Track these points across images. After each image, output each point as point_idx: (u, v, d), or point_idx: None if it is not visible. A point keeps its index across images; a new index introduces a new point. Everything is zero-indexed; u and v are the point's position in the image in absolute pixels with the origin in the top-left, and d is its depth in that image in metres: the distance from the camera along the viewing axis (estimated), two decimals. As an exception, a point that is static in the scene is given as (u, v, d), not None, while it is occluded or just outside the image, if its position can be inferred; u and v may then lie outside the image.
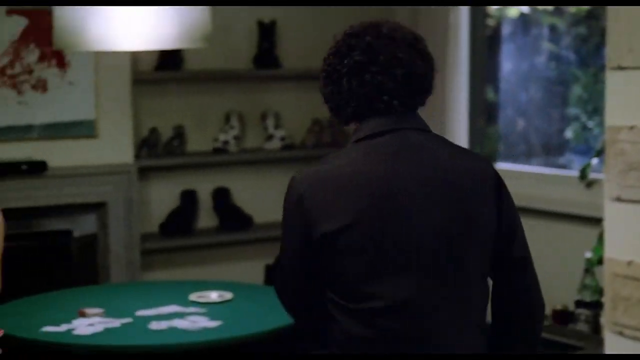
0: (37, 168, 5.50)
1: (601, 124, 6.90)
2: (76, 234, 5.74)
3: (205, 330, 3.86)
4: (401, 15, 6.19)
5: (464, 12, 6.02)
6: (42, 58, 5.51)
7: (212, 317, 3.99)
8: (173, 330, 3.86)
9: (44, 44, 5.44)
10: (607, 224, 3.71)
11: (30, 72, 5.50)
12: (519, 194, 5.87)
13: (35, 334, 3.82)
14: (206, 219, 6.27)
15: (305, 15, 6.36)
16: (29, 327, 3.89)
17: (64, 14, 3.92)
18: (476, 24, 6.22)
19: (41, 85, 5.53)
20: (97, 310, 4.06)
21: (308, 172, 2.46)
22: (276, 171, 6.34)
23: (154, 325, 3.91)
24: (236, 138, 6.22)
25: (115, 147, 5.75)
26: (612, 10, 3.69)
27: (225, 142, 6.19)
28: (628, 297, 3.64)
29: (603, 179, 4.79)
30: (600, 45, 6.95)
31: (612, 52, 3.70)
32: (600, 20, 6.92)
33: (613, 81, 3.70)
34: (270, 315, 3.98)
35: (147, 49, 4.15)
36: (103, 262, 5.79)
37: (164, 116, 6.12)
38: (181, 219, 6.14)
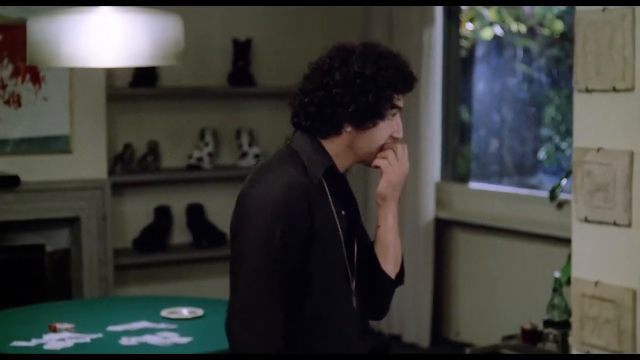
0: (10, 182, 5.50)
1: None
2: (49, 248, 5.75)
3: (176, 346, 3.86)
4: (377, 33, 6.23)
5: (438, 32, 6.07)
6: (15, 73, 5.52)
7: (183, 334, 4.00)
8: (143, 345, 3.87)
9: (18, 59, 5.45)
10: (574, 245, 3.74)
11: (4, 87, 5.51)
12: (491, 213, 5.93)
13: (5, 348, 3.81)
14: (180, 235, 6.29)
15: (280, 34, 6.39)
16: (-1, 341, 3.89)
17: (38, 29, 3.93)
18: (450, 44, 6.28)
19: (15, 100, 5.54)
20: (68, 326, 4.05)
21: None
22: (250, 188, 6.35)
23: (125, 341, 3.91)
24: (210, 155, 6.24)
25: (89, 163, 5.77)
26: (580, 33, 3.73)
27: (200, 159, 6.21)
28: (595, 317, 3.68)
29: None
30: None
31: (579, 74, 3.74)
32: (573, 42, 6.98)
33: (581, 103, 3.74)
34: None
35: (121, 66, 4.16)
36: (76, 277, 5.80)
37: (139, 132, 6.14)
38: (155, 234, 6.15)
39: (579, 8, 3.77)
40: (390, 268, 2.69)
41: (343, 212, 2.61)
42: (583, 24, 3.76)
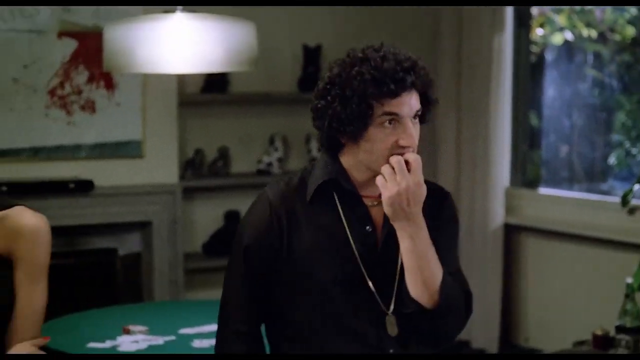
0: (84, 187, 5.59)
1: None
2: (121, 252, 5.83)
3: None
4: (446, 41, 6.24)
5: (508, 37, 6.05)
6: (90, 79, 5.62)
7: (254, 336, 4.04)
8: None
9: (93, 65, 5.54)
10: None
11: (80, 93, 5.60)
12: (561, 219, 5.90)
13: (81, 349, 3.88)
14: (249, 240, 6.32)
15: (350, 40, 6.39)
16: (74, 343, 3.96)
17: (113, 37, 4.00)
18: (520, 49, 6.26)
19: (90, 106, 5.63)
20: (141, 328, 4.11)
21: None
22: (319, 193, 6.39)
23: (197, 344, 3.96)
24: (280, 160, 6.29)
25: (161, 167, 5.84)
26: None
27: (269, 164, 6.26)
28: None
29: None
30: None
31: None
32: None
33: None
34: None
35: (195, 72, 4.23)
36: (147, 281, 5.87)
37: (209, 137, 6.20)
38: (224, 239, 6.20)
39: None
40: (417, 294, 2.41)
41: (369, 228, 2.48)
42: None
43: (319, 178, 2.50)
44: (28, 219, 2.53)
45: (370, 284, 2.46)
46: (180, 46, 3.93)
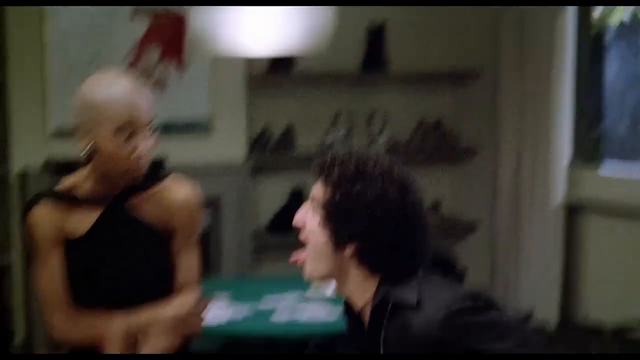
0: (156, 165, 5.68)
1: None
2: (190, 228, 5.93)
3: (327, 322, 4.02)
4: (508, 19, 6.29)
5: (570, 15, 6.09)
6: (162, 58, 5.73)
7: (331, 310, 4.15)
8: (294, 322, 4.03)
9: (164, 44, 5.65)
10: None
11: (151, 71, 5.72)
12: (623, 197, 5.94)
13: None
14: (313, 217, 6.42)
15: (414, 18, 6.48)
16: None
17: (198, 21, 4.11)
18: (582, 27, 6.28)
19: (160, 84, 5.75)
20: (222, 300, 4.24)
21: None
22: (382, 171, 6.49)
23: (277, 317, 4.09)
24: (344, 138, 6.37)
25: (229, 146, 5.95)
26: None
27: (333, 142, 6.35)
28: None
29: None
30: None
31: None
32: None
33: None
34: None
35: (271, 55, 4.32)
36: (215, 258, 5.99)
37: (275, 116, 6.30)
38: (289, 217, 6.28)
39: None
40: None
41: None
42: None
43: None
44: (182, 190, 2.65)
45: None
46: (262, 30, 4.03)
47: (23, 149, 5.53)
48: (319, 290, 4.45)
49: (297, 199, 6.34)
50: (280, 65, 6.18)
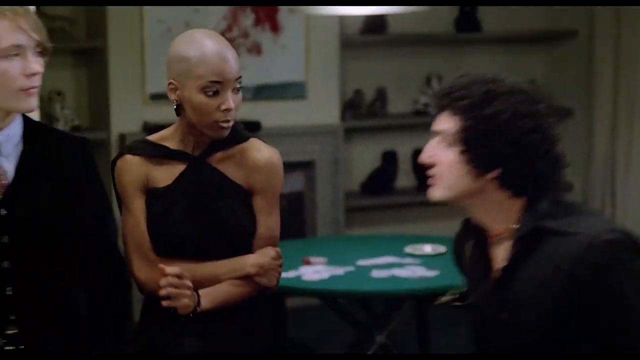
0: (251, 127, 5.77)
1: None
2: (285, 190, 6.00)
3: (424, 278, 4.06)
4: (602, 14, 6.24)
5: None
6: (257, 22, 5.79)
7: (429, 267, 4.19)
8: (394, 278, 4.08)
9: (259, 9, 5.72)
10: None
11: (246, 35, 5.79)
12: None
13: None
14: (405, 179, 6.47)
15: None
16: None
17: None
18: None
19: (256, 48, 5.81)
20: (321, 260, 4.30)
21: None
22: (473, 133, 6.50)
23: (376, 274, 4.13)
24: (436, 101, 6.38)
25: (323, 108, 6.00)
26: None
27: (426, 104, 6.35)
28: None
29: None
30: None
31: None
32: None
33: None
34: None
35: (374, 13, 4.34)
36: (309, 219, 6.06)
37: (368, 79, 6.33)
38: (382, 178, 6.35)
39: None
40: None
41: None
42: None
43: None
44: (264, 152, 2.70)
45: None
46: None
47: (122, 113, 5.65)
48: (416, 248, 4.49)
49: (390, 160, 6.38)
50: (373, 27, 6.20)
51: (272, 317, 2.81)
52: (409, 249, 4.48)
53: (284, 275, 4.06)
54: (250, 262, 2.67)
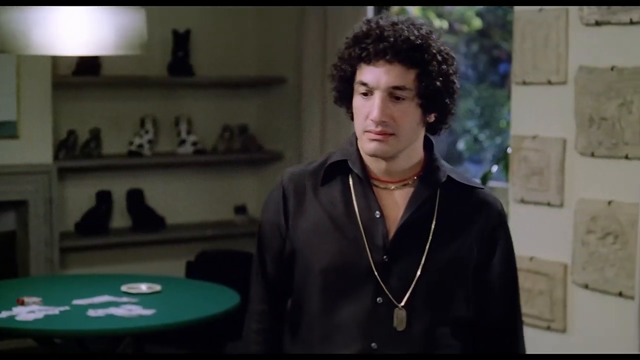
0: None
1: (492, 136, 7.32)
2: (-4, 230, 5.92)
3: (141, 317, 4.11)
4: (312, 27, 6.50)
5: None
6: (-34, 60, 5.70)
7: (145, 306, 4.25)
8: (110, 317, 4.11)
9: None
10: (511, 224, 4.10)
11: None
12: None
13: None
14: (120, 219, 6.51)
15: (219, 25, 6.66)
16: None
17: (6, 19, 4.13)
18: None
19: (-34, 86, 5.71)
20: (36, 299, 4.27)
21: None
22: (188, 174, 6.65)
23: (92, 313, 4.14)
24: (150, 142, 6.47)
25: (35, 148, 5.96)
26: (518, 31, 4.10)
27: (140, 146, 6.43)
28: (530, 288, 4.06)
29: (501, 186, 5.23)
30: (492, 62, 7.41)
31: (517, 68, 4.11)
32: (490, 38, 7.37)
33: (518, 95, 4.11)
34: (201, 304, 4.29)
35: (87, 54, 4.39)
36: (22, 259, 5.98)
37: (82, 119, 6.34)
38: (96, 218, 6.36)
39: (517, 8, 4.13)
40: None
41: (377, 214, 2.28)
42: (521, 22, 4.12)
43: (332, 159, 2.35)
44: None
45: (376, 273, 2.27)
46: (74, 29, 4.10)
47: None
48: (132, 287, 4.54)
49: (104, 200, 6.40)
50: (86, 68, 6.22)
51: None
52: (125, 287, 4.53)
53: (-5, 316, 4.07)
54: None
